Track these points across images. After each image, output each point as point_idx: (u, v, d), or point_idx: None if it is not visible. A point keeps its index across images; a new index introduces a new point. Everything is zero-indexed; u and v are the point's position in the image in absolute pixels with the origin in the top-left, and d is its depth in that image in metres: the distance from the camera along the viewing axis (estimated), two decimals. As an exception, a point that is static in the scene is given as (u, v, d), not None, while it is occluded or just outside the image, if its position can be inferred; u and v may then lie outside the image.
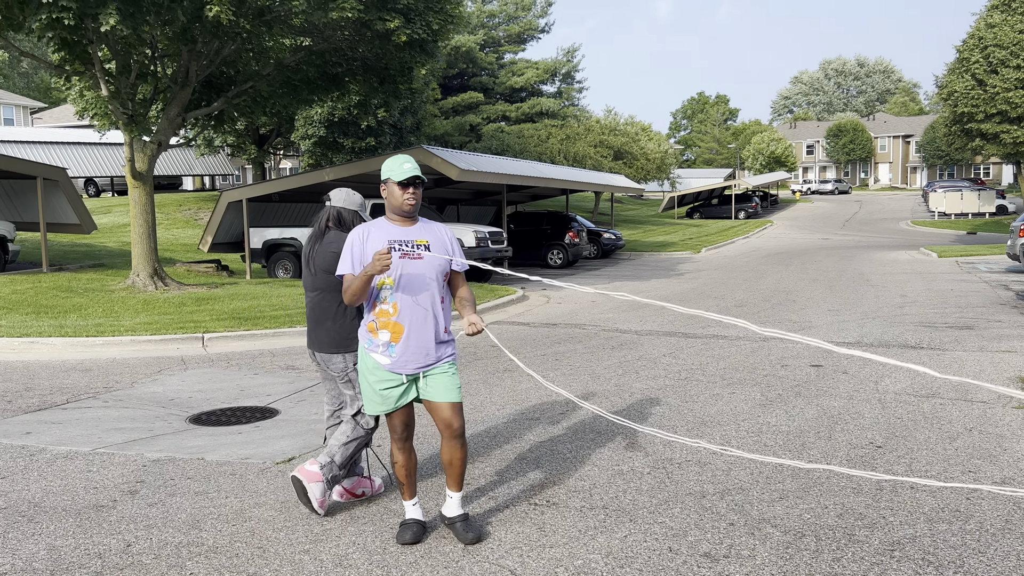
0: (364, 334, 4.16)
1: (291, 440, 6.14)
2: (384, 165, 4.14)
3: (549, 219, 25.03)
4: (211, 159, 43.17)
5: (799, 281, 18.00)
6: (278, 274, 18.93)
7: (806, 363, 8.87)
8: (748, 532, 4.31)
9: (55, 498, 4.89)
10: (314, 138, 34.00)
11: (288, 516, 4.59)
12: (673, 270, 22.41)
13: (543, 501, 4.81)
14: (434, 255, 4.12)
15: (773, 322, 11.99)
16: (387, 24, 14.41)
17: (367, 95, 18.59)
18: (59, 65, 14.91)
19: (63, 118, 54.28)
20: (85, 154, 39.14)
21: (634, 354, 9.59)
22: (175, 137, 17.44)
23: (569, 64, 59.89)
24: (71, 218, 19.17)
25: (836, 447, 5.79)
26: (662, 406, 7.05)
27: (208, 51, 14.67)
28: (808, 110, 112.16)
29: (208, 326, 10.91)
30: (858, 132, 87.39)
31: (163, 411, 7.11)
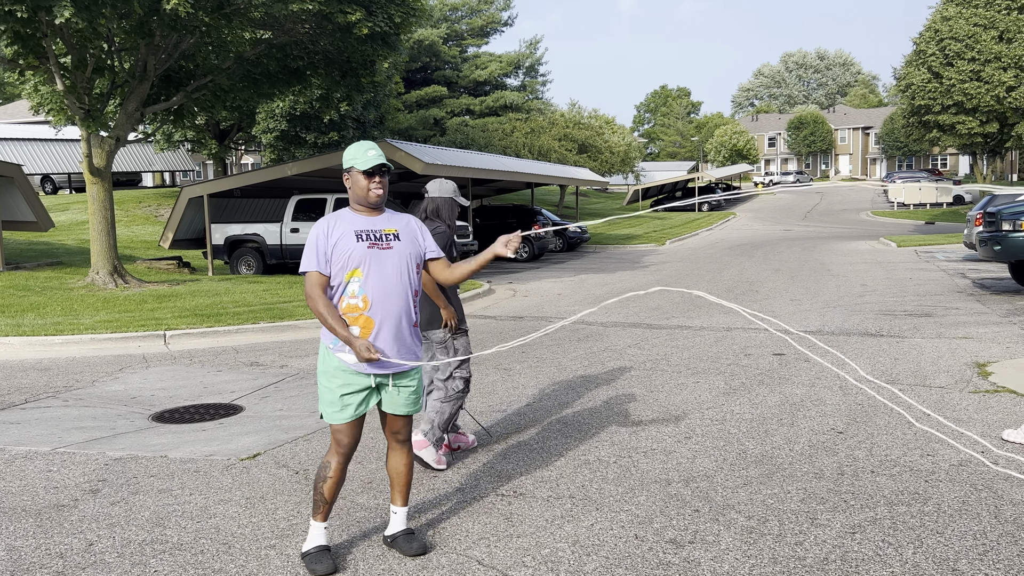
0: (327, 332, 3.83)
1: (256, 436, 6.09)
2: (347, 153, 3.88)
3: (514, 212, 25.08)
4: (171, 155, 42.56)
5: (762, 272, 18.21)
6: (241, 270, 18.73)
7: (769, 352, 8.98)
8: (712, 518, 4.36)
9: (14, 498, 4.81)
10: (276, 132, 33.69)
11: (253, 512, 4.56)
12: (638, 262, 22.55)
13: (510, 492, 4.82)
14: (404, 244, 3.90)
15: (736, 312, 12.11)
16: (348, 17, 14.32)
17: (329, 89, 18.47)
18: (12, 59, 14.59)
19: (17, 114, 53.12)
20: (41, 150, 38.38)
21: (600, 345, 9.64)
22: (133, 132, 17.17)
23: (532, 57, 59.94)
24: (27, 216, 18.80)
25: (798, 433, 5.87)
26: (627, 396, 7.10)
27: (166, 44, 14.46)
28: (769, 103, 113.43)
29: (170, 323, 10.78)
30: (819, 124, 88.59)
31: (125, 409, 7.01)
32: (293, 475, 5.18)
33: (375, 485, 4.97)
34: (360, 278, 3.77)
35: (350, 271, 3.77)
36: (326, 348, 3.86)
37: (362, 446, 5.76)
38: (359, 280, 3.77)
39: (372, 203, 3.87)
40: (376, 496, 4.79)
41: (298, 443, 5.88)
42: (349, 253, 3.76)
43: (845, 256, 21.56)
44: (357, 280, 3.77)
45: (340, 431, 3.82)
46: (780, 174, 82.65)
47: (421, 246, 3.98)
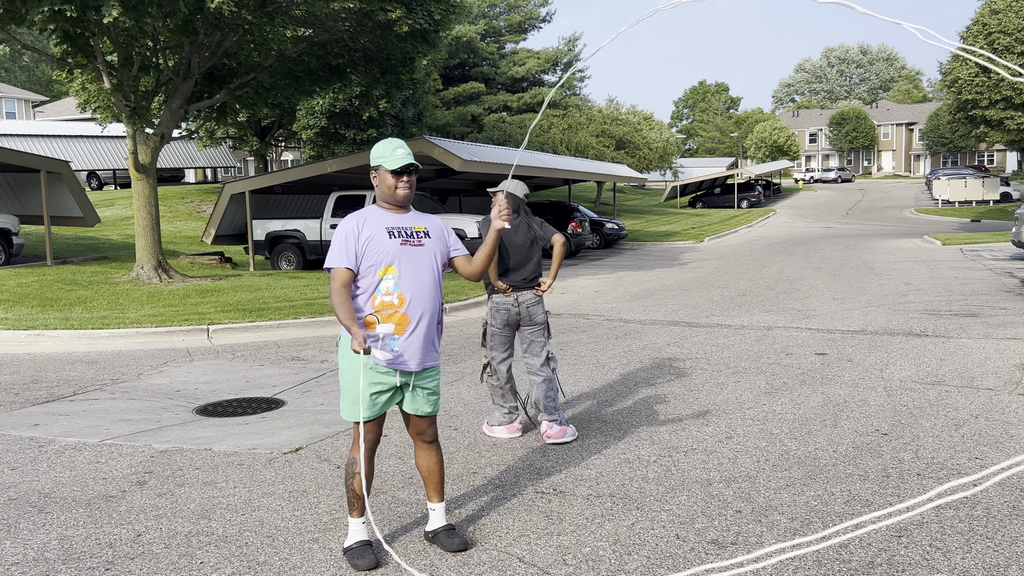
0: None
1: (297, 431, 6.16)
2: (374, 150, 3.86)
3: (551, 209, 25.01)
4: (213, 151, 43.15)
5: (803, 270, 17.99)
6: (281, 266, 18.94)
7: (811, 351, 8.87)
8: (755, 519, 4.33)
9: (65, 489, 4.92)
10: (315, 129, 33.98)
11: (296, 506, 4.61)
12: (676, 259, 22.40)
13: (549, 489, 4.82)
14: (434, 242, 3.91)
15: (777, 311, 11.99)
16: (389, 14, 14.39)
17: (369, 86, 18.56)
18: (61, 58, 14.89)
19: (65, 111, 54.26)
20: (87, 147, 39.12)
21: (639, 343, 9.59)
22: (177, 129, 17.43)
23: (571, 53, 59.73)
24: (74, 211, 19.18)
25: (842, 434, 5.80)
26: (667, 394, 7.06)
27: (210, 43, 14.65)
28: (811, 98, 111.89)
29: (213, 318, 10.94)
30: (861, 120, 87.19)
31: (169, 402, 7.13)
32: (334, 469, 5.23)
33: (415, 480, 5.00)
34: (394, 275, 3.77)
35: (383, 268, 3.76)
36: (350, 345, 3.84)
37: (401, 441, 5.80)
38: (393, 277, 3.76)
39: (399, 201, 3.86)
40: (416, 491, 4.82)
41: (339, 438, 5.93)
42: (383, 250, 3.76)
43: (888, 254, 21.21)
44: (391, 277, 3.76)
45: (365, 428, 3.83)
46: (821, 170, 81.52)
47: (447, 244, 3.99)
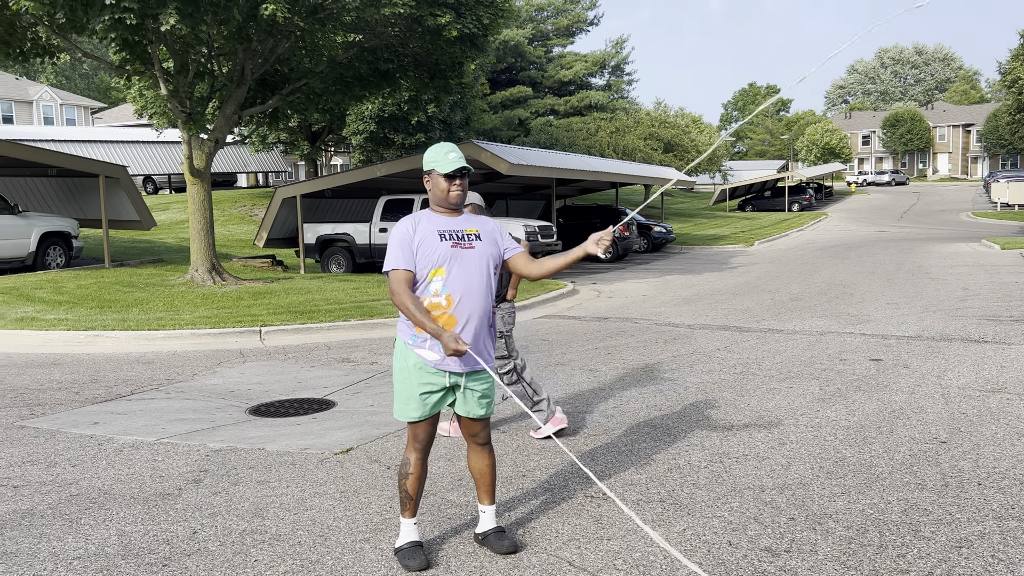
0: (407, 330, 3.88)
1: (348, 431, 6.22)
2: (427, 155, 3.91)
3: (598, 213, 24.96)
4: (265, 156, 43.85)
5: (856, 274, 17.67)
6: (331, 269, 19.17)
7: (865, 357, 8.70)
8: (809, 527, 4.26)
9: (123, 486, 5.03)
10: (365, 134, 34.35)
11: (348, 506, 4.66)
12: (725, 263, 22.16)
13: (599, 494, 4.80)
14: (485, 245, 3.93)
15: (830, 316, 11.79)
16: (438, 19, 14.49)
17: (418, 91, 18.70)
18: (120, 65, 15.27)
19: (122, 117, 55.64)
20: (144, 152, 40.04)
21: (688, 348, 9.51)
22: (231, 134, 17.75)
23: (618, 56, 59.54)
24: (131, 215, 19.65)
25: (898, 442, 5.68)
26: (718, 400, 6.98)
27: (263, 49, 14.90)
28: (864, 100, 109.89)
29: (265, 320, 11.11)
30: (916, 122, 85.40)
31: (223, 402, 7.25)
32: (385, 470, 5.27)
33: (465, 482, 5.01)
34: (443, 276, 3.80)
35: (433, 270, 3.80)
36: (404, 345, 3.89)
37: (452, 443, 5.82)
38: (442, 279, 3.80)
39: (452, 204, 3.89)
40: (466, 493, 4.83)
41: (389, 439, 5.98)
42: (433, 252, 3.80)
43: (944, 259, 20.73)
44: (440, 279, 3.80)
45: (418, 428, 3.89)
46: (875, 173, 79.98)
47: (500, 247, 4.01)
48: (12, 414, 6.80)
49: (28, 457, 5.60)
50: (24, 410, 6.94)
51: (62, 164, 17.64)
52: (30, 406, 7.08)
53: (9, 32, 14.40)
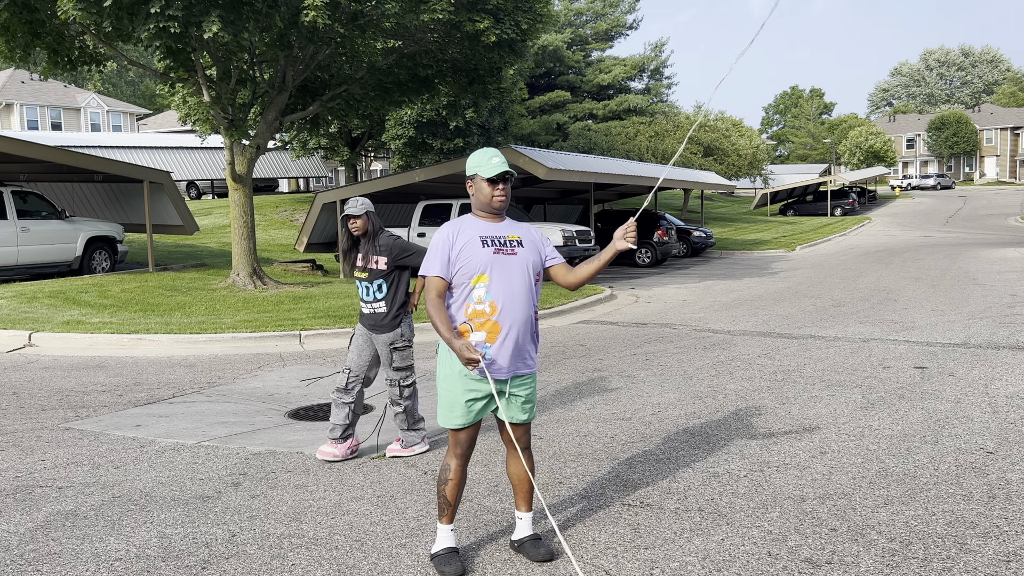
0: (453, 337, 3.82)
1: (385, 435, 6.23)
2: (470, 160, 3.91)
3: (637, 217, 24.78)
4: (305, 161, 44.34)
5: (900, 280, 17.36)
6: (370, 273, 19.29)
7: (909, 365, 8.53)
8: (851, 538, 4.17)
9: (164, 488, 5.10)
10: (404, 139, 34.55)
11: (384, 510, 4.67)
12: (767, 269, 21.90)
13: (636, 502, 4.76)
14: (527, 251, 3.91)
15: (873, 322, 11.59)
16: (477, 25, 14.53)
17: (456, 96, 18.77)
18: (164, 73, 15.54)
19: (166, 123, 56.66)
20: (186, 158, 40.71)
21: (727, 354, 9.40)
22: (272, 140, 17.97)
23: (657, 60, 59.23)
24: (175, 220, 19.97)
25: (944, 452, 5.55)
26: (757, 408, 6.89)
27: (304, 56, 15.07)
28: (908, 103, 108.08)
29: (305, 324, 11.20)
30: (962, 125, 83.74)
31: (263, 406, 7.32)
32: (421, 475, 5.28)
33: (500, 488, 5.00)
34: (486, 283, 3.79)
35: (476, 276, 3.79)
36: (448, 352, 3.87)
37: (486, 449, 5.81)
38: (485, 286, 3.79)
39: (495, 209, 3.89)
40: (502, 499, 4.82)
41: (427, 443, 5.98)
42: (475, 258, 3.79)
43: (992, 264, 20.27)
44: (483, 285, 3.80)
45: (460, 435, 3.89)
46: (919, 177, 78.57)
47: (542, 255, 3.99)
48: (57, 416, 6.93)
49: (72, 459, 5.71)
50: (69, 412, 7.07)
51: (108, 170, 17.99)
52: (75, 408, 7.22)
53: (58, 41, 14.73)
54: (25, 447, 5.99)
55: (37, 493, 5.01)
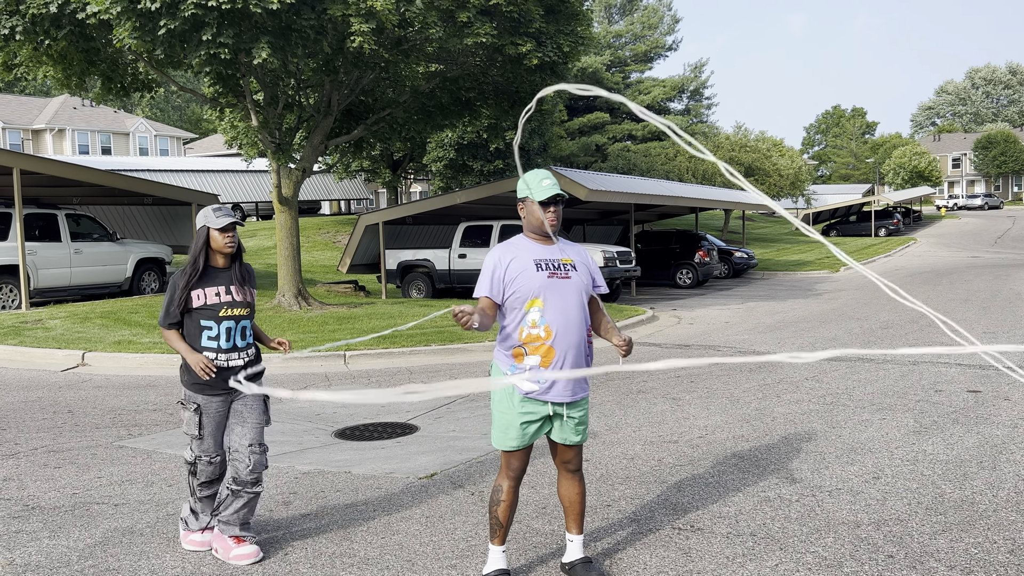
0: (505, 360, 3.85)
1: (431, 456, 6.26)
2: (521, 183, 3.86)
3: (678, 238, 24.69)
4: (347, 184, 44.88)
5: (949, 301, 17.03)
6: (412, 294, 19.43)
7: (962, 388, 8.36)
8: (910, 565, 4.09)
9: (217, 506, 5.16)
10: (444, 161, 34.86)
11: (434, 531, 4.68)
12: (811, 290, 21.64)
13: (687, 526, 4.71)
14: (581, 274, 3.90)
15: (923, 344, 11.38)
16: (519, 48, 14.65)
17: (498, 118, 18.92)
18: (213, 98, 15.88)
19: (211, 147, 57.81)
20: (231, 181, 41.43)
21: (774, 377, 9.30)
22: (317, 163, 18.24)
23: (697, 80, 59.17)
24: (221, 241, 20.30)
25: (1002, 478, 5.42)
26: (807, 432, 6.80)
27: (349, 80, 15.31)
28: (953, 121, 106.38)
29: (350, 344, 11.31)
30: (1010, 143, 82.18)
31: (310, 425, 7.40)
32: (469, 496, 5.29)
33: (549, 510, 4.99)
34: (540, 307, 3.76)
35: (530, 300, 3.77)
36: (502, 375, 3.86)
37: (534, 471, 5.81)
38: (539, 310, 3.76)
39: (547, 232, 3.87)
40: (551, 521, 4.81)
41: (472, 465, 6.00)
42: (530, 282, 3.77)
43: (1045, 285, 19.81)
44: (538, 310, 3.76)
45: (513, 457, 3.87)
46: (966, 197, 77.17)
47: (591, 278, 3.97)
48: (111, 434, 7.07)
49: (127, 476, 5.81)
50: (122, 430, 7.21)
51: (157, 193, 18.40)
52: (127, 427, 7.35)
53: (112, 68, 15.16)
54: (81, 464, 6.11)
55: (94, 510, 5.11)
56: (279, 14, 12.08)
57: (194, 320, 4.27)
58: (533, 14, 14.31)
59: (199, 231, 4.31)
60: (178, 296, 4.26)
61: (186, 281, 4.25)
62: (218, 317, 4.25)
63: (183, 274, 4.29)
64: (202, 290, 4.25)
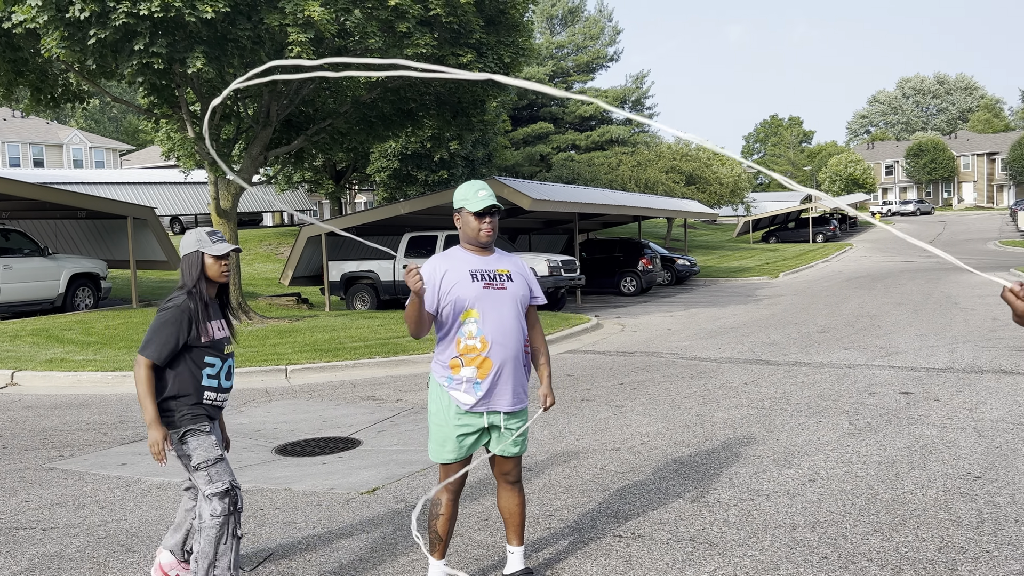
0: (442, 371, 3.81)
1: (374, 471, 6.20)
2: (457, 193, 3.85)
3: (621, 246, 24.93)
4: (289, 195, 44.35)
5: (883, 305, 17.49)
6: (356, 306, 19.25)
7: (895, 390, 8.58)
8: (843, 566, 4.17)
9: (151, 528, 5.04)
10: (388, 171, 34.67)
11: (375, 547, 4.63)
12: (751, 296, 22.02)
13: (628, 533, 4.74)
14: (517, 285, 3.88)
15: (858, 348, 11.66)
16: (460, 59, 14.67)
17: (440, 128, 18.91)
18: (148, 109, 15.57)
19: (150, 159, 56.64)
20: (170, 193, 40.65)
21: (714, 383, 9.43)
22: (257, 175, 17.99)
23: (638, 91, 59.90)
24: (159, 255, 19.89)
25: (931, 477, 5.57)
26: (746, 436, 6.90)
27: (288, 91, 15.15)
28: (886, 130, 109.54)
29: (291, 358, 11.16)
30: (939, 151, 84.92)
31: (250, 442, 7.27)
32: (410, 510, 5.24)
33: (491, 522, 4.98)
34: (477, 319, 3.74)
35: (466, 311, 3.74)
36: (439, 387, 3.83)
37: (478, 483, 5.79)
38: (475, 321, 3.74)
39: (483, 243, 3.84)
40: (493, 533, 4.79)
41: (415, 478, 5.96)
42: (465, 293, 3.74)
43: (973, 288, 20.47)
44: (474, 321, 3.74)
45: (451, 469, 3.84)
46: (899, 203, 79.45)
47: (528, 289, 3.95)
48: (41, 456, 6.85)
49: (57, 499, 5.64)
50: (53, 452, 6.99)
51: (91, 207, 17.94)
52: (59, 448, 7.14)
53: (41, 79, 14.77)
54: (8, 488, 5.91)
55: (21, 535, 4.94)
56: (214, 23, 11.91)
57: (195, 357, 3.78)
58: (473, 25, 14.35)
59: (190, 256, 3.85)
60: (190, 328, 3.74)
61: (202, 312, 3.79)
62: (224, 354, 3.87)
63: (184, 305, 3.76)
64: (207, 324, 3.82)
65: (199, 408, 3.78)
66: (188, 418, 3.76)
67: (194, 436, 3.76)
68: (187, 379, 3.76)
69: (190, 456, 3.74)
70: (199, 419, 3.77)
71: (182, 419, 3.75)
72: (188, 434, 3.75)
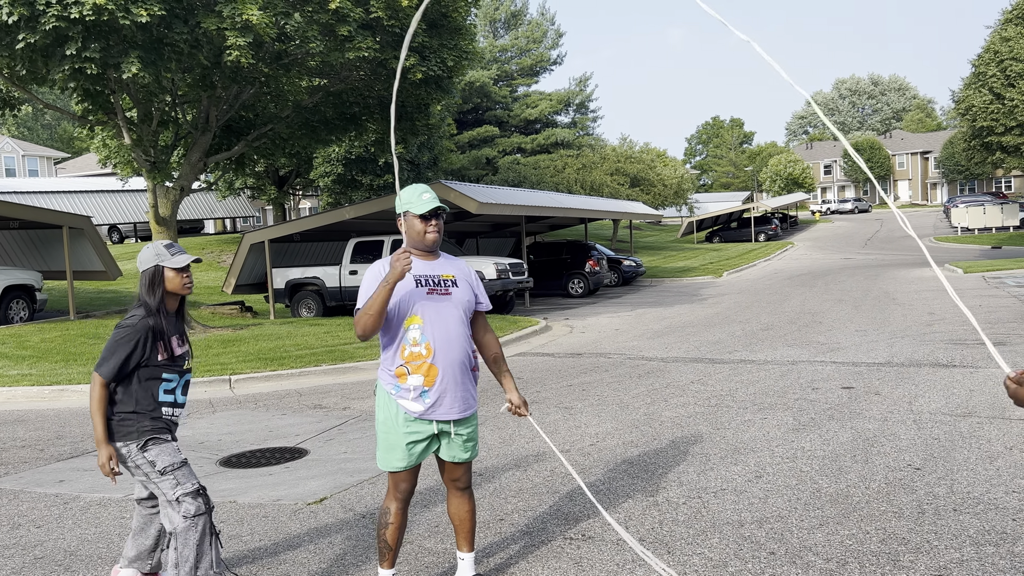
0: (390, 379, 3.74)
1: (322, 480, 6.11)
2: (401, 196, 3.76)
3: (569, 249, 25.05)
4: (232, 201, 43.69)
5: (824, 302, 17.86)
6: (301, 313, 19.01)
7: (837, 385, 8.76)
8: (790, 560, 4.23)
9: (90, 546, 4.89)
10: (333, 176, 34.34)
11: (322, 558, 4.56)
12: (696, 295, 22.30)
13: (578, 535, 4.75)
14: (462, 291, 3.84)
15: (801, 345, 11.87)
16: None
17: (384, 133, 18.77)
18: (82, 116, 15.17)
19: (86, 167, 55.20)
20: (108, 201, 39.71)
21: (661, 382, 9.51)
22: (197, 181, 17.65)
23: (582, 94, 60.27)
24: (96, 265, 19.38)
25: (874, 470, 5.69)
26: (693, 434, 6.97)
27: (227, 96, 14.90)
28: (824, 131, 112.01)
29: (235, 368, 10.96)
30: (875, 150, 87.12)
31: (193, 454, 7.11)
32: (359, 519, 5.18)
33: (442, 529, 4.94)
34: (420, 325, 3.69)
35: (409, 317, 3.69)
36: (387, 394, 3.77)
37: (428, 490, 5.74)
38: (419, 327, 3.69)
39: (428, 246, 3.79)
40: (443, 540, 4.75)
41: (363, 486, 5.89)
42: (409, 299, 3.69)
43: (910, 284, 21.03)
44: (417, 327, 3.69)
45: (400, 478, 3.78)
46: (838, 201, 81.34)
47: (474, 294, 3.91)
48: (-26, 475, 6.61)
49: (-10, 519, 5.44)
50: (-14, 470, 6.75)
51: (24, 216, 17.39)
52: (-7, 466, 6.89)
53: (-32, 85, 14.29)
54: (-62, 510, 5.68)
55: (-48, 559, 4.75)
56: (149, 27, 11.65)
57: (152, 373, 3.74)
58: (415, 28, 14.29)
59: (149, 271, 3.79)
60: (147, 347, 3.69)
61: (160, 328, 3.73)
62: (182, 370, 3.85)
63: (141, 325, 3.70)
64: (168, 340, 3.79)
65: (159, 422, 3.78)
66: (148, 429, 3.75)
67: (155, 444, 3.75)
68: (144, 394, 3.76)
69: (154, 462, 3.72)
70: (160, 430, 3.77)
71: (142, 429, 3.73)
72: (150, 442, 3.73)
